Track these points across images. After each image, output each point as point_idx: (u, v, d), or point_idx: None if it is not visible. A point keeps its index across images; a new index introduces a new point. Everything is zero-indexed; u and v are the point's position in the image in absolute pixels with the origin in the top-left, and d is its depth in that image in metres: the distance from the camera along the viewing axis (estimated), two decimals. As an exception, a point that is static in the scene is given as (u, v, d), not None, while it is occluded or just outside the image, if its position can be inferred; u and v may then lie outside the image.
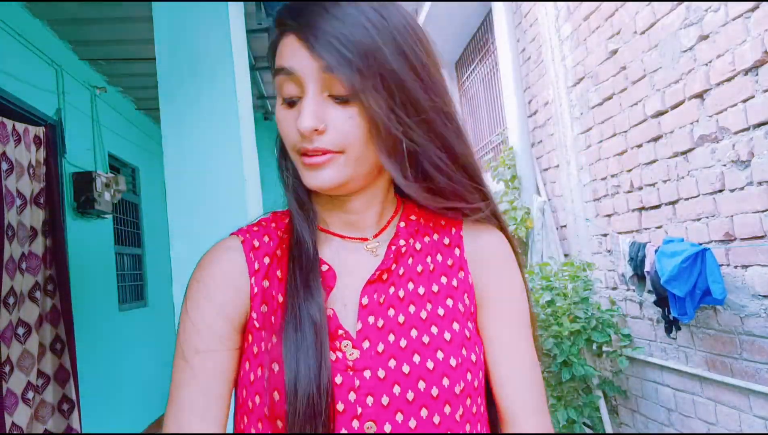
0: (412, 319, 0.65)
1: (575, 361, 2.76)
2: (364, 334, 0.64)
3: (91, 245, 3.83)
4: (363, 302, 0.66)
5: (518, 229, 3.79)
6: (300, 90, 0.62)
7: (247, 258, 0.69)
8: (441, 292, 0.69)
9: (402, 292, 0.67)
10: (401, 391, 0.61)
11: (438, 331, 0.65)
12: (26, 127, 2.84)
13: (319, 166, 0.62)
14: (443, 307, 0.67)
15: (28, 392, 2.68)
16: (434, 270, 0.70)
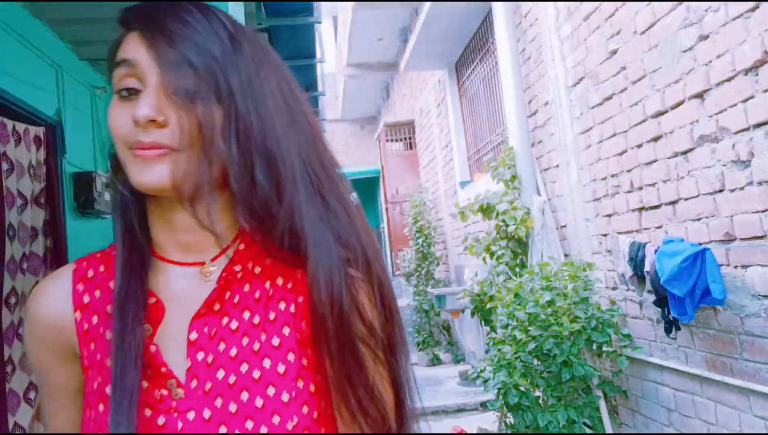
0: (244, 352, 0.61)
1: (575, 361, 2.76)
2: (193, 373, 0.61)
3: (92, 245, 3.82)
4: (191, 338, 0.62)
5: (518, 229, 3.79)
6: (140, 84, 0.59)
7: (73, 290, 0.66)
8: (278, 320, 0.64)
9: (235, 323, 0.63)
10: (227, 431, 0.58)
11: (271, 363, 0.61)
12: (26, 127, 2.85)
13: (151, 160, 0.58)
14: (278, 337, 0.63)
15: (30, 392, 2.69)
16: (273, 295, 0.65)
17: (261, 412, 0.59)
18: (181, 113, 0.58)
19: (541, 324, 2.85)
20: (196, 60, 0.58)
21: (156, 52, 0.59)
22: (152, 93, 0.58)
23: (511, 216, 3.84)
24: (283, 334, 0.63)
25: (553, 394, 2.86)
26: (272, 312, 0.64)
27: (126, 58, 0.60)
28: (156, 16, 0.60)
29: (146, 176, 0.58)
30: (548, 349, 2.80)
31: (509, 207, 3.89)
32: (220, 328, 0.62)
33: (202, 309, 0.63)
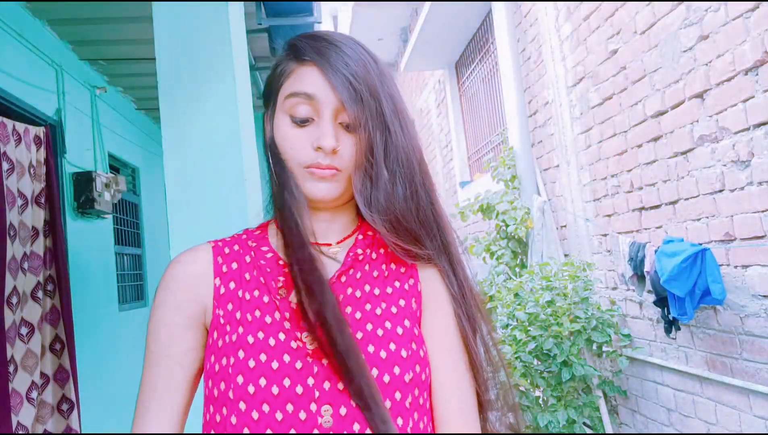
0: (367, 315, 0.73)
1: (575, 361, 2.76)
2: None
3: (91, 245, 3.83)
4: None
5: (518, 229, 3.79)
6: (315, 114, 0.73)
7: (214, 260, 0.77)
8: (394, 294, 0.76)
9: (359, 293, 0.75)
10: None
11: (391, 326, 0.72)
12: (26, 127, 2.84)
13: (326, 179, 0.73)
14: (396, 307, 0.75)
15: (33, 392, 2.69)
16: (388, 276, 0.78)
17: (384, 362, 0.69)
18: (351, 142, 0.73)
19: (541, 324, 2.85)
20: (364, 95, 0.72)
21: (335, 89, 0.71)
22: (330, 125, 0.72)
23: (511, 216, 3.83)
24: (400, 305, 0.76)
25: (553, 394, 2.86)
26: (389, 287, 0.77)
27: (306, 91, 0.72)
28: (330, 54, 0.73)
29: (319, 191, 0.73)
30: (548, 349, 2.80)
31: (509, 207, 3.89)
32: (346, 295, 0.74)
33: (333, 278, 0.74)
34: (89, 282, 3.71)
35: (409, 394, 0.69)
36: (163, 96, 1.73)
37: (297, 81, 0.74)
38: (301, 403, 0.66)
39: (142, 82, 4.19)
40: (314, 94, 0.72)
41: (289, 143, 0.74)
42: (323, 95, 0.72)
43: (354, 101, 0.71)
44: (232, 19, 1.80)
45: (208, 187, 1.71)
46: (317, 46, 0.74)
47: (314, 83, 0.72)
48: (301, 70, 0.74)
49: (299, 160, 0.73)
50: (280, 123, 0.75)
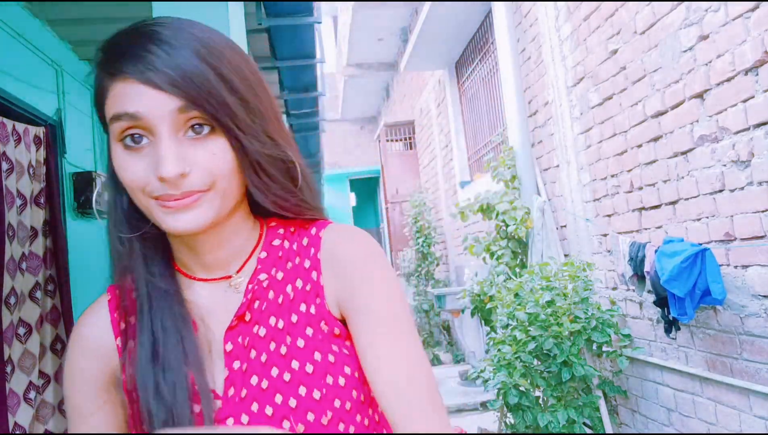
0: (272, 357, 0.64)
1: (575, 361, 2.76)
2: (231, 381, 0.64)
3: (91, 245, 3.83)
4: (227, 349, 0.65)
5: (518, 229, 3.79)
6: (149, 134, 0.59)
7: (111, 318, 0.69)
8: (300, 322, 0.66)
9: (263, 330, 0.66)
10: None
11: (299, 365, 0.64)
12: (26, 127, 2.84)
13: (186, 208, 0.59)
14: (303, 338, 0.65)
15: (30, 392, 2.68)
16: (294, 298, 0.68)
17: (295, 411, 0.61)
18: (208, 150, 0.59)
19: (541, 324, 2.85)
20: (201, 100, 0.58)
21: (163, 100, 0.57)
22: (169, 145, 0.58)
23: (511, 216, 3.83)
24: (307, 335, 0.66)
25: (553, 394, 2.86)
26: (294, 315, 0.67)
27: (127, 111, 0.58)
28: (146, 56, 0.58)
29: (182, 223, 0.60)
30: (548, 349, 2.80)
31: (509, 207, 3.89)
32: (252, 336, 0.65)
33: (234, 320, 0.66)
34: (89, 282, 3.71)
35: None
36: (163, 96, 1.72)
37: (115, 100, 0.59)
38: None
39: (142, 82, 4.19)
40: (139, 113, 0.57)
41: (127, 175, 0.60)
42: (151, 110, 0.57)
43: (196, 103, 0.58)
44: (232, 19, 1.80)
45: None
46: (129, 51, 0.58)
47: (136, 99, 0.58)
48: (117, 87, 0.59)
49: (142, 191, 0.60)
50: (114, 153, 0.61)
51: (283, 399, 0.62)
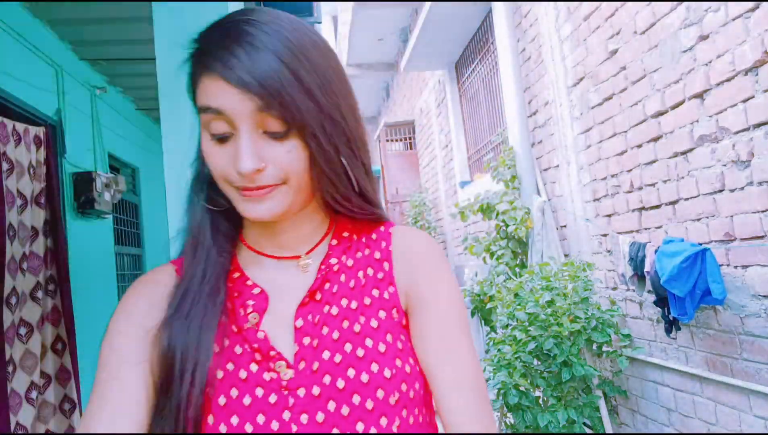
0: (346, 334, 0.66)
1: (575, 361, 2.76)
2: (301, 356, 0.65)
3: (91, 245, 3.83)
4: (297, 325, 0.67)
5: (518, 229, 3.79)
6: (231, 128, 0.62)
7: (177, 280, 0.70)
8: (373, 305, 0.69)
9: (335, 309, 0.68)
10: (336, 406, 0.62)
11: (373, 343, 0.66)
12: (26, 127, 2.85)
13: (261, 198, 0.64)
14: (376, 320, 0.68)
15: (32, 392, 2.69)
16: (366, 284, 0.71)
17: (366, 387, 0.63)
18: (285, 149, 0.62)
19: (541, 324, 2.85)
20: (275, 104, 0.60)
21: (245, 99, 0.60)
22: (247, 143, 0.61)
23: (511, 216, 3.83)
24: (380, 317, 0.69)
25: (553, 394, 2.86)
26: (367, 298, 0.70)
27: (211, 106, 0.61)
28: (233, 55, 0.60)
29: (257, 211, 0.64)
30: (548, 349, 2.80)
31: (509, 207, 3.89)
32: (323, 314, 0.68)
33: (305, 298, 0.68)
34: (89, 282, 3.71)
35: (396, 418, 0.63)
36: (163, 96, 1.73)
37: (203, 93, 0.62)
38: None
39: (142, 82, 4.19)
40: (222, 109, 0.61)
41: (212, 163, 0.65)
42: (233, 108, 0.60)
43: (272, 106, 0.60)
44: (232, 19, 1.80)
45: (208, 187, 1.71)
46: (216, 48, 0.61)
47: (220, 95, 0.60)
48: (204, 80, 0.62)
49: (225, 179, 0.64)
50: (203, 139, 0.65)
51: (356, 373, 0.64)
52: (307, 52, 0.63)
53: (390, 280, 0.71)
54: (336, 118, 0.65)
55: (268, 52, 0.60)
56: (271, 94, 0.59)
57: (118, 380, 0.64)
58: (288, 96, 0.60)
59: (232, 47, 0.60)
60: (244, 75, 0.59)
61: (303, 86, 0.61)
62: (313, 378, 0.64)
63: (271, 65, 0.60)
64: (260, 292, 0.69)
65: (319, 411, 0.62)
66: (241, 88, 0.59)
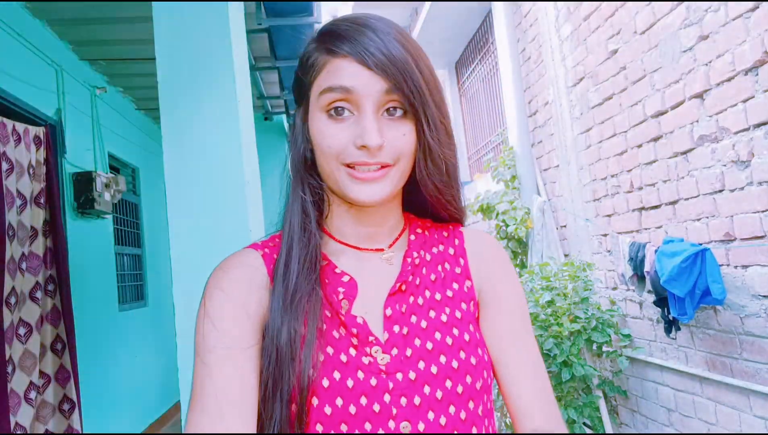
0: (434, 323, 0.70)
1: (575, 361, 2.76)
2: (392, 342, 0.68)
3: (91, 245, 3.83)
4: (387, 313, 0.70)
5: (518, 229, 3.79)
6: (355, 108, 0.67)
7: (267, 269, 0.72)
8: (455, 297, 0.74)
9: (421, 300, 0.72)
10: (431, 390, 0.66)
11: (459, 332, 0.71)
12: (26, 127, 2.84)
13: (374, 180, 0.67)
14: (459, 311, 0.73)
15: (31, 392, 2.69)
16: (445, 277, 0.75)
17: (457, 373, 0.67)
18: (398, 132, 0.68)
19: (541, 324, 2.85)
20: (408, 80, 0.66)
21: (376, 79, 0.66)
22: (374, 120, 0.66)
23: (511, 216, 3.83)
24: (462, 309, 0.73)
25: (553, 394, 2.86)
26: (449, 290, 0.75)
27: (344, 85, 0.66)
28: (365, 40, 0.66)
29: (367, 193, 0.68)
30: (548, 349, 2.80)
31: (509, 207, 3.89)
32: (409, 305, 0.71)
33: (393, 289, 0.71)
34: (89, 282, 3.71)
35: (480, 402, 0.68)
36: (163, 96, 1.73)
37: (332, 74, 0.67)
38: (379, 421, 0.64)
39: (142, 82, 4.19)
40: (353, 87, 0.66)
41: (327, 141, 0.68)
42: (363, 87, 0.66)
43: (399, 88, 0.66)
44: (232, 19, 1.80)
45: (208, 187, 1.71)
46: (349, 34, 0.67)
47: (352, 75, 0.66)
48: (335, 63, 0.67)
49: (340, 158, 0.67)
50: (315, 120, 0.69)
51: (447, 360, 0.67)
52: (418, 47, 0.70)
53: (467, 274, 0.76)
54: (442, 112, 0.71)
55: (394, 39, 0.67)
56: (400, 77, 0.66)
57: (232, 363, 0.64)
58: (412, 82, 0.66)
59: (367, 33, 0.67)
60: (380, 57, 0.65)
61: (423, 77, 0.68)
62: (408, 363, 0.67)
63: (401, 52, 0.66)
64: (349, 279, 0.71)
65: (416, 395, 0.65)
66: (376, 69, 0.65)
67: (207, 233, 1.67)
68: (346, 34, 0.67)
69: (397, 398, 0.65)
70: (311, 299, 0.68)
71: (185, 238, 1.67)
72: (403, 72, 0.66)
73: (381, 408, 0.64)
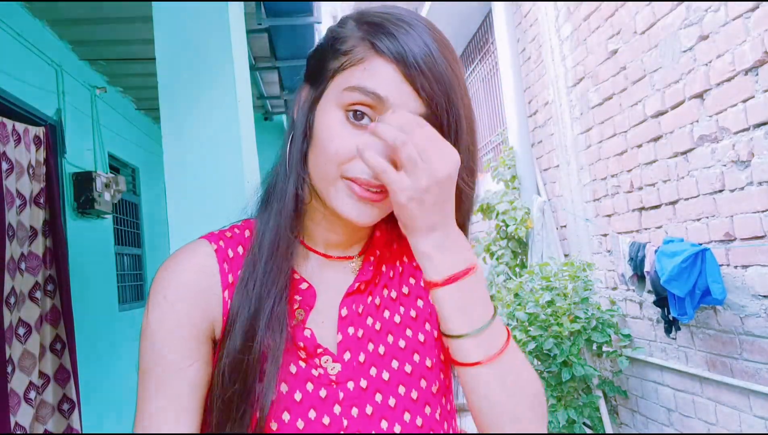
0: (387, 325, 0.66)
1: (575, 361, 2.76)
2: (345, 346, 0.64)
3: (91, 245, 3.83)
4: (342, 314, 0.66)
5: (518, 229, 3.79)
6: (375, 115, 0.59)
7: (220, 268, 0.65)
8: (411, 295, 0.69)
9: (378, 300, 0.68)
10: (383, 398, 0.62)
11: (413, 333, 0.67)
12: (26, 127, 2.84)
13: (373, 202, 0.60)
14: (415, 310, 0.68)
15: (30, 392, 2.68)
16: (403, 272, 0.71)
17: (410, 378, 0.64)
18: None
19: (541, 324, 2.85)
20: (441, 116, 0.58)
21: (411, 102, 0.58)
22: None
23: (511, 216, 3.84)
24: (419, 307, 0.69)
25: (553, 394, 2.86)
26: (405, 287, 0.70)
27: (378, 93, 0.58)
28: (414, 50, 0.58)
29: (363, 214, 0.60)
30: (548, 349, 2.80)
31: (509, 207, 3.89)
32: (366, 305, 0.67)
33: (351, 288, 0.67)
34: (89, 282, 3.71)
35: (438, 405, 0.64)
36: (163, 96, 1.73)
37: (368, 74, 0.58)
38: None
39: (142, 82, 4.19)
40: (387, 99, 0.58)
41: (335, 144, 0.59)
42: (398, 101, 0.58)
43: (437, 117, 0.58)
44: (232, 19, 1.80)
45: (208, 187, 1.71)
46: (398, 37, 0.58)
47: (390, 84, 0.58)
48: (375, 62, 0.59)
49: (342, 168, 0.59)
50: (329, 115, 0.60)
51: (399, 365, 0.64)
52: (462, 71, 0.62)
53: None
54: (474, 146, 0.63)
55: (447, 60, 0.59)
56: (444, 104, 0.58)
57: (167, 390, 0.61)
58: (454, 113, 0.59)
59: (413, 36, 0.58)
60: (428, 75, 0.57)
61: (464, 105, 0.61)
62: (360, 370, 0.63)
63: (449, 77, 0.59)
64: (308, 287, 0.67)
65: (367, 404, 0.62)
66: (421, 89, 0.58)
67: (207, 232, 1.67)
68: (397, 33, 0.59)
69: (347, 409, 0.61)
70: (280, 307, 0.62)
71: (185, 238, 1.67)
72: (447, 98, 0.58)
73: (331, 420, 0.61)
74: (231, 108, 1.73)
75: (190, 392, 0.61)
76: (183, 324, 0.62)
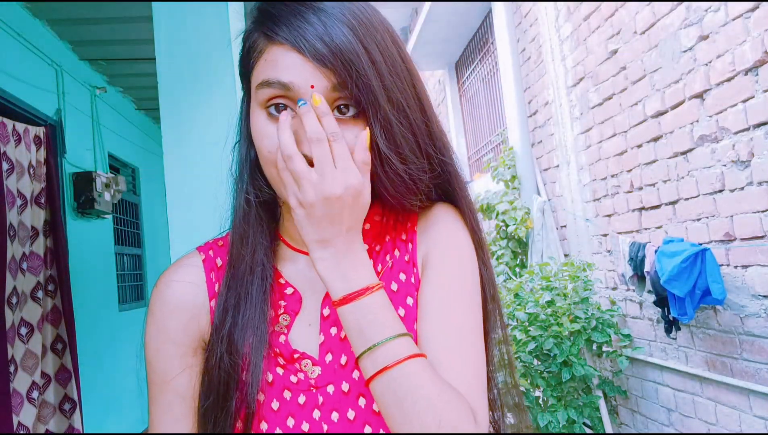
0: None
1: (575, 361, 2.76)
2: (327, 347, 0.63)
3: (91, 245, 3.83)
4: (324, 314, 0.64)
5: (518, 229, 3.79)
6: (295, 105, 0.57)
7: (207, 278, 0.66)
8: (400, 291, 0.65)
9: None
10: (367, 402, 0.60)
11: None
12: (26, 127, 2.84)
13: None
14: (404, 307, 0.64)
15: (33, 392, 2.69)
16: (393, 267, 0.66)
17: None
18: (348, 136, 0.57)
19: (541, 324, 2.85)
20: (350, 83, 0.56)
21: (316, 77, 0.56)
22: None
23: (511, 216, 3.84)
24: (408, 305, 0.64)
25: (553, 394, 2.86)
26: (394, 283, 0.65)
27: (281, 80, 0.56)
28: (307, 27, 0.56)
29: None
30: (548, 349, 2.80)
31: (509, 207, 3.89)
32: None
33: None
34: (89, 282, 3.71)
35: None
36: (163, 96, 1.73)
37: (269, 65, 0.57)
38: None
39: (142, 82, 4.20)
40: (292, 84, 0.56)
41: (265, 144, 0.58)
42: (304, 83, 0.56)
43: (344, 85, 0.55)
44: (232, 19, 1.80)
45: (208, 187, 1.71)
46: (289, 17, 0.56)
47: (291, 68, 0.56)
48: (272, 51, 0.57)
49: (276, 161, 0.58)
50: (255, 118, 0.60)
51: None
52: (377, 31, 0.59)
53: (414, 261, 0.66)
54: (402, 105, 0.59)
55: (343, 25, 0.56)
56: (345, 72, 0.55)
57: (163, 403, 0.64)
58: (359, 77, 0.56)
59: (308, 16, 0.56)
60: (320, 47, 0.55)
61: (376, 68, 0.57)
62: (342, 373, 0.61)
63: (348, 39, 0.56)
64: (293, 292, 0.65)
65: (349, 408, 0.59)
66: (317, 62, 0.55)
67: (207, 233, 1.67)
68: (283, 15, 0.57)
69: (327, 414, 0.59)
70: (258, 319, 0.62)
71: (185, 238, 1.67)
72: (348, 65, 0.55)
73: (310, 426, 0.59)
74: (231, 108, 1.73)
75: (181, 402, 0.63)
76: (170, 339, 0.64)
